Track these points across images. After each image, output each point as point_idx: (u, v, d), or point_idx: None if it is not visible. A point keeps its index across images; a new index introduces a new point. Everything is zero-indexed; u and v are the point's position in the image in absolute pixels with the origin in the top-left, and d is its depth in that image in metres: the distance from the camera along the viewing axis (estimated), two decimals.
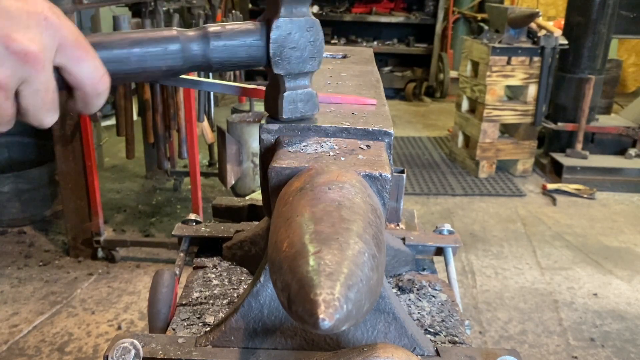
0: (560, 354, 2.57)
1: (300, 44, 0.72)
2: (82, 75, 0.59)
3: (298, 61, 0.73)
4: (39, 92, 0.56)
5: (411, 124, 6.21)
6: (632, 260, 3.42)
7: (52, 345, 2.51)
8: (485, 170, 4.65)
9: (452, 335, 0.87)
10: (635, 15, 4.90)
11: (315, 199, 0.59)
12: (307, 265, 0.49)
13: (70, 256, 3.23)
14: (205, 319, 0.88)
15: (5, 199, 3.42)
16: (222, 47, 0.69)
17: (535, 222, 3.87)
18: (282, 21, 0.70)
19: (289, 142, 0.76)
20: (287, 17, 0.70)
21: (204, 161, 4.58)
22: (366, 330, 0.74)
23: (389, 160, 0.75)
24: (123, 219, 3.72)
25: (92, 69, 0.60)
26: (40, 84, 0.56)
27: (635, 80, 7.92)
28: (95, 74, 0.60)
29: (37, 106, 0.57)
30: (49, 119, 0.59)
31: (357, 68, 1.12)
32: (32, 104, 0.57)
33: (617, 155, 4.68)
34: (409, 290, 0.98)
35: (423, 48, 7.45)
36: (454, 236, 1.13)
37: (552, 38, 4.30)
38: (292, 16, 0.71)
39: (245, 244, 1.01)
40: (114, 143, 4.92)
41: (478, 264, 3.31)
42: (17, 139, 3.83)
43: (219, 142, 3.37)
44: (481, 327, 2.74)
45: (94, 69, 0.60)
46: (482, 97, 4.49)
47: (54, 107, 0.59)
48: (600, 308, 2.93)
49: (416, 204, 4.08)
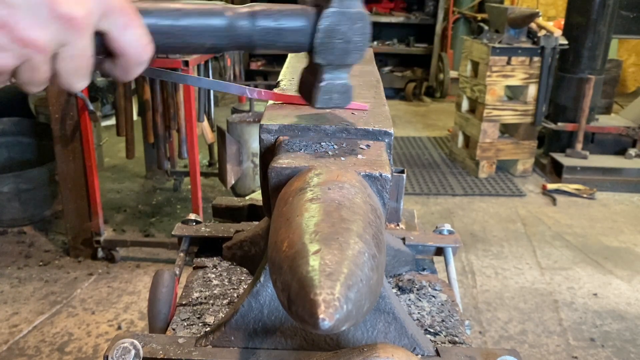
0: (560, 354, 2.57)
1: (348, 36, 0.70)
2: (126, 42, 0.58)
3: (342, 53, 0.70)
4: (76, 57, 0.55)
5: (411, 124, 6.21)
6: (632, 260, 3.42)
7: (52, 345, 2.51)
8: (485, 170, 4.65)
9: (452, 335, 0.87)
10: (635, 15, 4.91)
11: (315, 199, 0.59)
12: (307, 265, 0.49)
13: (70, 256, 3.23)
14: (205, 319, 0.88)
15: (6, 199, 3.42)
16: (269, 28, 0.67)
17: (535, 222, 3.87)
18: (333, 11, 0.68)
19: (289, 142, 0.76)
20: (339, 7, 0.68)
21: (204, 161, 4.58)
22: (366, 330, 0.74)
23: (389, 160, 0.75)
24: (123, 219, 3.72)
25: (137, 37, 0.59)
26: (79, 49, 0.55)
27: (635, 80, 7.92)
28: (140, 42, 0.59)
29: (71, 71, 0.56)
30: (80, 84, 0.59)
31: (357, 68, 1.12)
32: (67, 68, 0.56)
33: (617, 155, 4.68)
34: (409, 290, 0.98)
35: (423, 48, 7.45)
36: (454, 236, 1.13)
37: (552, 38, 4.30)
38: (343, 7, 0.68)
39: (245, 244, 1.01)
40: (114, 143, 4.92)
41: (478, 264, 3.31)
42: (17, 139, 3.83)
43: (219, 142, 3.37)
44: (481, 327, 2.74)
45: (138, 37, 0.59)
46: (482, 97, 4.49)
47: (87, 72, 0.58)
48: (600, 308, 2.93)
49: (416, 204, 4.08)
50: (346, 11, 0.68)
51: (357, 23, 0.69)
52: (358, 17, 0.69)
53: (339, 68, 0.72)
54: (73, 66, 0.56)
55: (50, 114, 2.92)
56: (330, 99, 0.74)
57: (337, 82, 0.73)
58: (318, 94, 0.73)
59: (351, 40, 0.70)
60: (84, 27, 0.53)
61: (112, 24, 0.56)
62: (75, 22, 0.53)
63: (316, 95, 0.73)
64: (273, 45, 0.68)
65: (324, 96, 0.73)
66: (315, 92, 0.73)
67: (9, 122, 3.82)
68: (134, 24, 0.58)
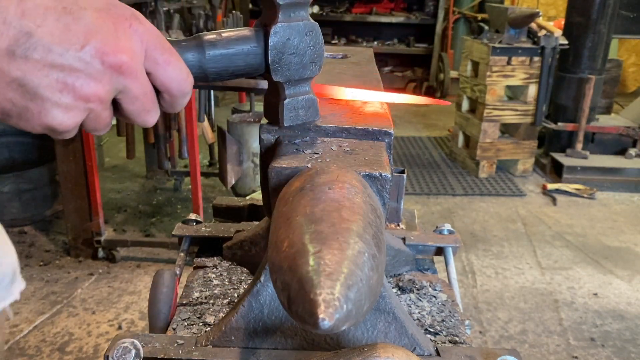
0: (561, 354, 2.57)
1: (300, 49, 0.69)
2: (169, 78, 0.60)
3: (298, 67, 0.70)
4: (138, 98, 0.58)
5: (411, 124, 6.21)
6: (632, 260, 3.42)
7: (53, 345, 2.51)
8: (486, 170, 4.65)
9: (453, 335, 0.87)
10: (635, 15, 4.91)
11: (315, 199, 0.59)
12: (307, 265, 0.49)
13: (70, 256, 3.23)
14: (205, 319, 0.88)
15: (6, 199, 3.42)
16: (219, 56, 0.66)
17: (535, 222, 3.87)
18: (280, 27, 0.67)
19: (289, 142, 0.76)
20: (286, 22, 0.67)
21: (205, 161, 4.58)
22: (366, 330, 0.74)
23: (389, 160, 0.75)
24: (123, 219, 3.72)
25: (178, 71, 0.60)
26: (138, 90, 0.57)
27: (635, 80, 7.91)
28: (181, 76, 0.61)
29: (138, 111, 0.59)
30: (152, 119, 0.61)
31: (357, 68, 1.12)
32: (133, 109, 0.59)
33: (617, 155, 4.68)
34: (409, 290, 0.98)
35: (423, 48, 7.45)
36: (454, 236, 1.13)
37: (552, 38, 4.30)
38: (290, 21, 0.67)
39: (245, 243, 1.01)
40: (114, 143, 4.92)
41: (478, 264, 3.31)
42: (17, 139, 3.83)
43: (219, 142, 3.37)
44: (481, 327, 2.74)
45: (179, 71, 0.60)
46: (483, 97, 4.49)
47: (155, 107, 0.61)
48: (601, 308, 2.93)
49: (416, 204, 4.08)
50: (294, 24, 0.68)
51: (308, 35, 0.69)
52: (308, 28, 0.69)
53: (299, 83, 0.72)
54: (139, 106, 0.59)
55: None
56: (296, 116, 0.74)
57: (300, 97, 0.73)
58: (283, 112, 0.73)
59: (305, 54, 0.69)
60: (134, 70, 0.56)
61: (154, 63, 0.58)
62: (125, 67, 0.55)
63: (282, 113, 0.73)
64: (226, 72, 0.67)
65: (290, 113, 0.73)
66: (280, 111, 0.73)
67: None
68: (173, 59, 0.60)
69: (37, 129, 0.55)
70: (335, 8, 7.57)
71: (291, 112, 0.73)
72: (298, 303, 0.47)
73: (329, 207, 0.57)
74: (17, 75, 0.51)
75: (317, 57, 0.71)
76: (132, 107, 0.58)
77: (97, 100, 0.55)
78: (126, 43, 0.55)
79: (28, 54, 0.50)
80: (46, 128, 0.55)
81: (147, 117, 0.60)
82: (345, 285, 0.47)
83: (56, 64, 0.51)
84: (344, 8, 7.57)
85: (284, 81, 0.71)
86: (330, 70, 1.08)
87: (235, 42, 0.67)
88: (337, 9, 7.55)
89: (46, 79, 0.52)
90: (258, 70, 0.69)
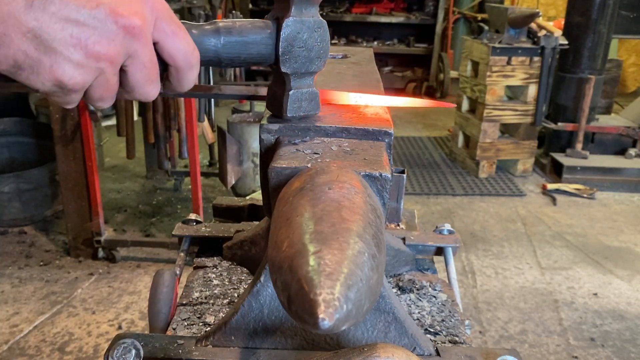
0: (561, 354, 2.57)
1: (309, 43, 0.73)
2: (175, 49, 0.61)
3: (305, 60, 0.74)
4: (145, 64, 0.58)
5: (411, 124, 6.21)
6: (632, 260, 3.42)
7: (53, 345, 2.51)
8: (486, 170, 4.65)
9: (453, 335, 0.87)
10: (635, 15, 4.91)
11: (315, 199, 0.59)
12: (307, 265, 0.49)
13: (70, 256, 3.23)
14: (205, 319, 0.88)
15: (6, 199, 3.42)
16: (234, 42, 0.70)
17: (535, 222, 3.87)
18: (292, 20, 0.71)
19: (289, 142, 0.76)
20: (297, 16, 0.71)
21: (205, 161, 4.58)
22: (366, 330, 0.74)
23: (389, 160, 0.75)
24: (123, 219, 3.72)
25: (185, 43, 0.61)
26: (146, 57, 0.58)
27: (635, 80, 7.91)
28: (188, 48, 0.62)
29: (143, 80, 0.60)
30: (154, 91, 0.62)
31: (357, 68, 1.12)
32: (138, 78, 0.59)
33: (617, 155, 4.68)
34: (409, 290, 0.98)
35: (423, 48, 7.44)
36: (454, 236, 1.13)
37: (552, 38, 4.30)
38: (302, 16, 0.72)
39: (245, 243, 1.01)
40: (114, 143, 4.92)
41: (478, 264, 3.31)
42: (17, 139, 3.83)
43: (219, 142, 3.37)
44: (481, 327, 2.74)
45: (186, 44, 0.62)
46: (482, 97, 4.49)
47: (157, 79, 0.61)
48: (601, 308, 2.93)
49: (416, 204, 4.08)
50: (305, 19, 0.72)
51: (316, 31, 0.73)
52: (317, 24, 0.73)
53: (304, 76, 0.75)
54: (144, 74, 0.59)
55: (51, 114, 2.92)
56: (299, 107, 0.77)
57: (304, 90, 0.76)
58: (287, 102, 0.76)
59: (312, 48, 0.73)
60: (145, 35, 0.57)
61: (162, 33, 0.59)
62: (138, 30, 0.56)
63: (285, 104, 0.76)
64: (239, 58, 0.71)
65: (293, 105, 0.76)
66: (285, 101, 0.76)
67: (10, 122, 3.82)
68: (180, 31, 0.61)
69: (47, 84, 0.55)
70: (335, 8, 7.56)
71: (295, 104, 0.76)
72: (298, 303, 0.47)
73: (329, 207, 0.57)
74: (34, 25, 0.51)
75: (323, 52, 0.75)
76: (139, 74, 0.59)
77: (108, 60, 0.55)
78: (139, 8, 0.56)
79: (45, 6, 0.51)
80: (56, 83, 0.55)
81: (151, 87, 0.61)
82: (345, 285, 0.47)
83: (71, 19, 0.52)
84: (344, 8, 7.57)
85: (291, 73, 0.74)
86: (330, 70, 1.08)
87: (249, 31, 0.71)
88: (337, 9, 7.55)
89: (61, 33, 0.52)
90: (268, 60, 0.73)
